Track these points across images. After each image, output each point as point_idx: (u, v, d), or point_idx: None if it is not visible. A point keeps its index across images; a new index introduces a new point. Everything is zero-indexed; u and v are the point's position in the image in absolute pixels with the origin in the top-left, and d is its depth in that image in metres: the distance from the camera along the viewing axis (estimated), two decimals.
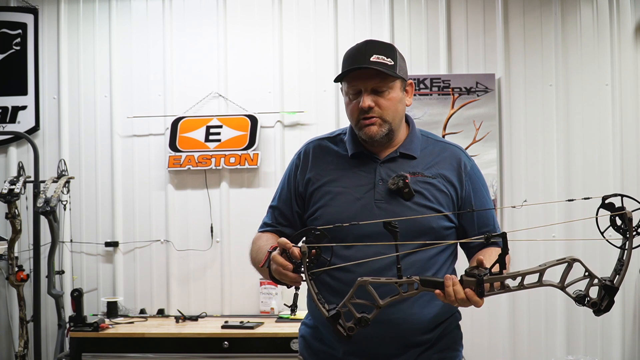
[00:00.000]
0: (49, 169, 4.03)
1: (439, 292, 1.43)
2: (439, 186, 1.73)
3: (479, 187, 1.80)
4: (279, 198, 1.88)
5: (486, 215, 1.79)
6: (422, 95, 3.91)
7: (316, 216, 1.75)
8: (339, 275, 1.67)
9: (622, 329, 3.81)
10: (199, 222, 4.02)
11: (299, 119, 3.95)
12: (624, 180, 3.84)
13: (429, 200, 1.71)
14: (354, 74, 1.70)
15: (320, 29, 3.97)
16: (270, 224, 1.88)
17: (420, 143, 1.81)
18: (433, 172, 1.75)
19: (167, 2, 4.09)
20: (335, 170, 1.78)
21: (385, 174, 1.73)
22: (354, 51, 1.75)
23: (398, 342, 1.69)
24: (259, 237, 1.86)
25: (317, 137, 1.90)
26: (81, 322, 3.55)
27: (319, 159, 1.82)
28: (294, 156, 1.89)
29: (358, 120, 1.72)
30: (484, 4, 3.96)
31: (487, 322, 3.88)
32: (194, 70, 4.07)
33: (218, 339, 3.44)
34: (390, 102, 1.72)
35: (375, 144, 1.76)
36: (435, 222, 1.70)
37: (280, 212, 1.86)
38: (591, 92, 3.88)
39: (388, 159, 1.77)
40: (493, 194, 3.85)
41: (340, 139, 1.84)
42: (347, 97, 1.75)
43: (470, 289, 1.42)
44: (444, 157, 1.79)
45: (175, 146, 3.99)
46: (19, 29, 4.13)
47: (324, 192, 1.76)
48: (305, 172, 1.81)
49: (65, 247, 4.02)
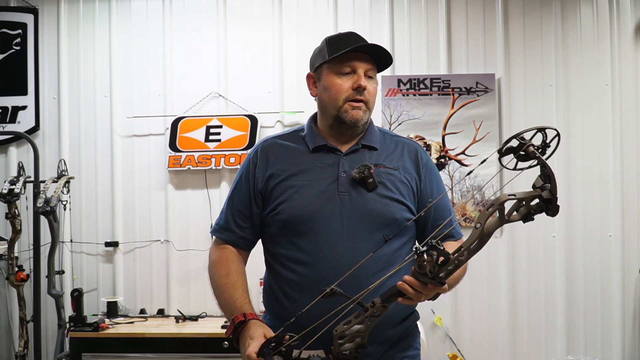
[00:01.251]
0: (49, 169, 4.03)
1: (402, 300, 1.40)
2: (400, 177, 1.75)
3: (436, 180, 1.83)
4: (236, 199, 1.83)
5: (443, 209, 1.81)
6: (422, 95, 3.91)
7: (278, 210, 1.72)
8: (301, 270, 1.67)
9: (622, 329, 3.81)
10: (199, 222, 4.02)
11: (299, 119, 3.95)
12: (623, 180, 3.84)
13: (391, 191, 1.71)
14: (351, 55, 1.71)
15: (320, 28, 3.97)
16: (228, 229, 1.83)
17: (379, 136, 1.83)
18: (393, 163, 1.77)
19: (167, 2, 4.09)
20: (297, 164, 1.76)
21: (348, 165, 1.74)
22: (347, 34, 1.78)
23: None
24: (220, 260, 1.80)
25: (271, 136, 1.89)
26: (81, 322, 3.54)
27: (279, 155, 1.80)
28: (247, 156, 1.86)
29: (346, 101, 1.72)
30: (484, 4, 3.96)
31: (487, 322, 3.88)
32: (194, 70, 4.07)
33: (218, 339, 3.44)
34: (375, 91, 1.76)
35: (347, 132, 1.76)
36: (398, 214, 1.71)
37: (239, 212, 1.81)
38: (591, 92, 3.88)
39: (351, 151, 1.77)
40: (493, 193, 3.86)
41: (298, 136, 1.83)
42: (336, 76, 1.73)
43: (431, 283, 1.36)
44: (401, 150, 1.81)
45: (175, 146, 4.00)
46: (19, 29, 4.13)
47: (286, 187, 1.73)
48: (264, 169, 1.78)
49: (65, 247, 4.02)
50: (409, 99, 3.91)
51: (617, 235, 3.83)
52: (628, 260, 3.83)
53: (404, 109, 3.91)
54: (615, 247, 3.83)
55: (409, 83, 3.91)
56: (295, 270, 1.67)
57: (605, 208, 3.85)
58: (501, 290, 3.89)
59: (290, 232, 1.69)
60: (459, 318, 3.88)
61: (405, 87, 3.91)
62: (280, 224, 1.72)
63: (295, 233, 1.66)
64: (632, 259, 3.83)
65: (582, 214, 3.87)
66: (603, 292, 3.82)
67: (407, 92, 3.91)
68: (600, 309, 3.82)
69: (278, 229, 1.73)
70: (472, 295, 3.87)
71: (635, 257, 3.83)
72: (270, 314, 1.81)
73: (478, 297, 3.87)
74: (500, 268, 3.89)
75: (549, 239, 3.87)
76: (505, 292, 3.88)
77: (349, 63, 1.72)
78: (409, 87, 3.91)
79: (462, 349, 3.85)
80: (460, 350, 3.84)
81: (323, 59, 1.75)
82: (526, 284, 3.88)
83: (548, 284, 3.86)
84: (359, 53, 1.72)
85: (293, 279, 1.67)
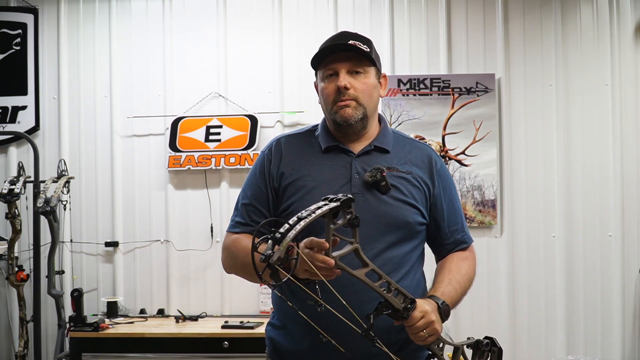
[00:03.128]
0: (49, 169, 4.03)
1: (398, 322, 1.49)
2: (413, 182, 1.74)
3: (449, 185, 1.83)
4: (251, 195, 1.79)
5: (455, 214, 1.82)
6: (422, 95, 3.91)
7: (291, 211, 1.70)
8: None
9: (622, 329, 3.80)
10: (199, 222, 4.02)
11: (299, 119, 3.95)
12: (623, 180, 3.83)
13: (404, 195, 1.71)
14: (331, 58, 1.72)
15: (320, 28, 3.97)
16: (245, 223, 1.78)
17: (392, 139, 1.82)
18: (406, 168, 1.76)
19: (167, 2, 4.09)
20: (309, 164, 1.75)
21: (360, 167, 1.73)
22: (333, 36, 1.78)
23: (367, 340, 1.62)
24: (237, 241, 1.74)
25: (286, 134, 1.88)
26: (81, 322, 3.54)
27: (291, 153, 1.79)
28: (262, 152, 1.85)
29: (334, 103, 1.73)
30: (484, 4, 3.96)
31: (487, 322, 3.88)
32: (194, 70, 4.07)
33: (218, 339, 3.44)
34: (365, 86, 1.73)
35: (349, 132, 1.75)
36: (411, 217, 1.71)
37: (254, 208, 1.77)
38: (591, 92, 3.88)
39: (362, 153, 1.76)
40: (493, 193, 3.86)
41: (312, 135, 1.83)
42: (323, 82, 1.75)
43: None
44: (415, 154, 1.80)
45: (175, 146, 4.00)
46: (19, 29, 4.13)
47: (299, 187, 1.72)
48: (278, 166, 1.77)
49: (65, 247, 4.02)
50: (409, 99, 3.91)
51: (617, 235, 3.83)
52: (628, 260, 3.82)
53: (404, 109, 3.91)
54: (615, 247, 3.82)
55: (409, 83, 3.91)
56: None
57: (605, 208, 3.85)
58: (501, 290, 3.89)
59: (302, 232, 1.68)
60: (459, 318, 3.88)
61: (405, 87, 3.91)
62: None
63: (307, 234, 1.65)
64: (632, 259, 3.83)
65: (582, 214, 3.86)
66: (603, 292, 3.82)
67: (407, 92, 3.91)
68: (600, 309, 3.82)
69: None
70: (472, 295, 3.84)
71: (635, 257, 3.83)
72: (280, 314, 1.79)
73: (478, 297, 3.87)
74: (500, 268, 3.89)
75: (549, 238, 3.87)
76: (505, 292, 3.88)
77: (330, 65, 1.73)
78: (409, 87, 3.91)
79: None
80: None
81: (313, 67, 1.78)
82: (526, 284, 3.88)
83: (548, 284, 3.86)
84: (342, 53, 1.72)
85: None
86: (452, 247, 1.81)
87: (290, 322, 1.73)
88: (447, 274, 1.73)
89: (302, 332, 1.68)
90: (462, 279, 1.74)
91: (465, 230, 1.85)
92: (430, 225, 1.78)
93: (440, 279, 1.71)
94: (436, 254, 1.86)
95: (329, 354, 1.64)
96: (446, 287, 1.67)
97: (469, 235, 1.85)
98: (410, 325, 1.53)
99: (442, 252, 1.82)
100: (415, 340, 1.56)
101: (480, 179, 3.87)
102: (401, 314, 1.50)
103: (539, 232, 3.87)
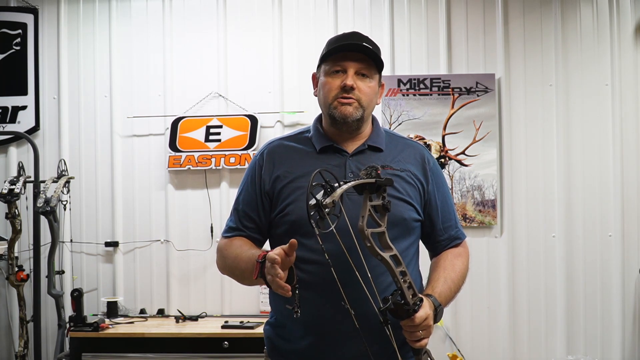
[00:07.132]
0: (49, 169, 4.03)
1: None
2: (407, 179, 1.76)
3: (442, 183, 1.85)
4: (243, 201, 1.82)
5: (448, 210, 1.84)
6: (422, 95, 3.92)
7: (287, 212, 1.72)
8: (311, 269, 1.66)
9: (622, 329, 3.80)
10: (199, 222, 4.02)
11: (299, 119, 3.95)
12: (623, 181, 3.84)
13: (400, 192, 1.73)
14: (342, 55, 1.74)
15: (320, 29, 3.97)
16: (237, 228, 1.82)
17: (385, 138, 1.84)
18: (400, 166, 1.78)
19: (167, 2, 4.09)
20: (304, 165, 1.76)
21: (355, 166, 1.74)
22: (342, 35, 1.80)
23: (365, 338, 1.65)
24: (229, 244, 1.80)
25: (277, 138, 1.90)
26: (81, 322, 3.55)
27: (285, 156, 1.80)
28: (254, 158, 1.87)
29: (335, 98, 1.74)
30: (484, 4, 3.96)
31: (487, 322, 3.88)
32: (194, 70, 4.07)
33: (218, 339, 3.45)
34: (369, 90, 1.76)
35: (343, 129, 1.76)
36: (407, 214, 1.73)
37: (245, 214, 1.81)
38: (591, 92, 3.88)
39: (356, 152, 1.78)
40: (493, 193, 3.86)
41: (304, 137, 1.84)
42: (327, 76, 1.76)
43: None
44: (408, 153, 1.82)
45: (175, 146, 4.00)
46: (19, 29, 4.13)
47: (294, 188, 1.74)
48: (271, 171, 1.79)
49: (65, 247, 4.02)
50: (408, 99, 3.91)
51: (617, 235, 3.83)
52: (628, 260, 3.82)
53: (404, 109, 3.91)
54: (615, 247, 3.82)
55: (409, 83, 3.91)
56: (305, 269, 1.66)
57: (605, 208, 3.85)
58: (501, 290, 3.89)
59: (299, 233, 1.68)
60: (459, 318, 3.88)
61: (405, 87, 3.91)
62: (288, 224, 1.72)
63: (305, 233, 1.65)
64: (632, 259, 3.83)
65: (582, 214, 3.86)
66: (603, 292, 3.82)
67: (407, 92, 3.91)
68: (600, 309, 3.82)
69: (286, 230, 1.73)
70: (472, 295, 3.87)
71: (635, 257, 3.83)
72: (278, 314, 1.80)
73: (478, 297, 3.87)
74: (500, 268, 3.89)
75: (549, 238, 3.87)
76: (505, 292, 3.88)
77: (340, 62, 1.74)
78: (409, 87, 3.91)
79: (462, 349, 3.85)
80: (460, 350, 3.84)
81: (320, 58, 1.79)
82: (526, 284, 3.88)
83: (548, 284, 3.86)
84: (353, 53, 1.74)
85: (303, 278, 1.66)
86: (446, 243, 1.84)
87: (289, 321, 1.73)
88: (442, 272, 1.75)
89: (301, 331, 1.70)
90: (456, 277, 1.76)
91: (459, 226, 1.87)
92: (424, 222, 1.81)
93: (436, 277, 1.74)
94: (430, 251, 1.88)
95: (328, 353, 1.67)
96: (442, 287, 1.70)
97: (462, 231, 1.88)
98: (412, 324, 1.54)
99: (436, 249, 1.85)
100: (409, 338, 1.58)
101: (480, 179, 3.87)
102: (408, 309, 1.50)
103: (539, 232, 3.87)
